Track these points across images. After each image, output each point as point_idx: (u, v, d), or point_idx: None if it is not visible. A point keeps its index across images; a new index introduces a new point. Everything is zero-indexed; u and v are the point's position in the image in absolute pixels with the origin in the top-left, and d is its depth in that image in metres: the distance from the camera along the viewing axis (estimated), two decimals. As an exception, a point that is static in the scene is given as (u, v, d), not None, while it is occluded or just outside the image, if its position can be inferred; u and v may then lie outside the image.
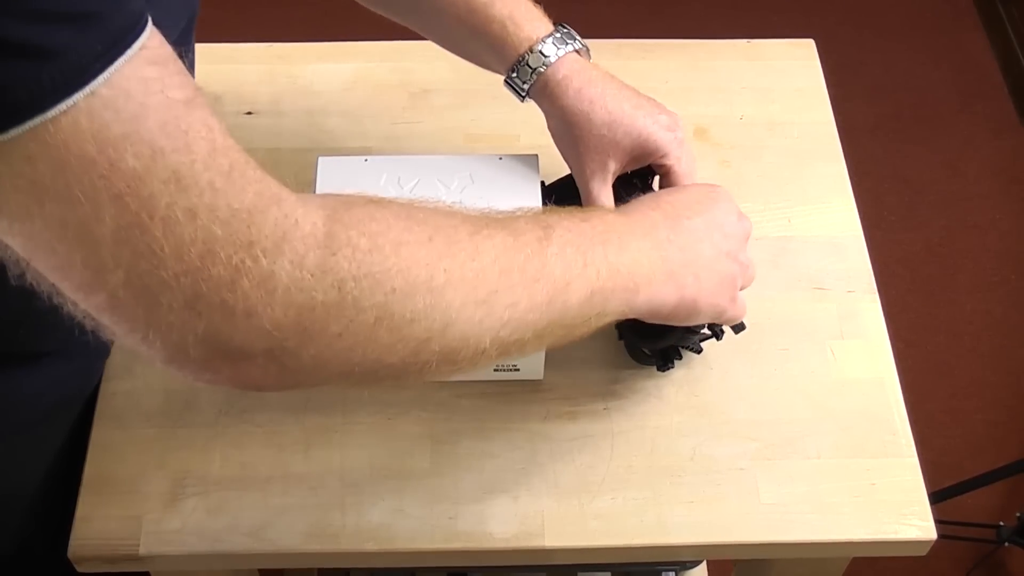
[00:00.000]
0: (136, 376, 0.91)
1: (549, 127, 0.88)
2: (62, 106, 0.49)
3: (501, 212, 0.70)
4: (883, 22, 2.50)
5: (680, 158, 0.86)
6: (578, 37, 0.87)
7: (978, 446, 1.86)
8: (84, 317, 0.57)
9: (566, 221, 0.71)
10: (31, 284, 0.56)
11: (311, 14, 2.32)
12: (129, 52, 0.51)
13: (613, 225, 0.74)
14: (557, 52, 0.85)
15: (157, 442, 0.88)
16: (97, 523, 0.84)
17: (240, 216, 0.55)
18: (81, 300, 0.56)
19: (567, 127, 0.85)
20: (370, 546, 0.83)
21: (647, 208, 0.78)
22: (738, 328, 0.86)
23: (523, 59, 0.85)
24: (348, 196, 0.63)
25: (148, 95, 0.52)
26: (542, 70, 0.85)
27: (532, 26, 0.85)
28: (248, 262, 0.55)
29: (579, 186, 0.87)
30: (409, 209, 0.64)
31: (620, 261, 0.72)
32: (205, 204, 0.53)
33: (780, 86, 1.13)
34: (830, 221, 1.03)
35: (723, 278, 0.78)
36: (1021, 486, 1.78)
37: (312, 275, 0.57)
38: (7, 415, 0.82)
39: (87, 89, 0.50)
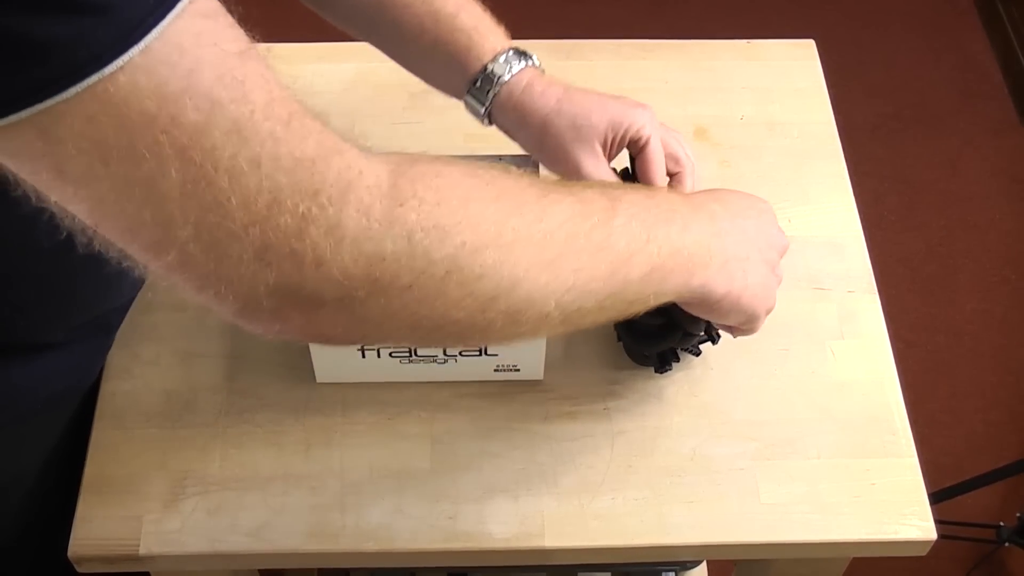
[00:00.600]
0: (136, 376, 0.91)
1: (522, 144, 0.88)
2: (119, 62, 0.49)
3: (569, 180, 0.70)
4: (883, 22, 2.50)
5: (656, 131, 0.86)
6: (534, 56, 0.87)
7: (978, 446, 1.86)
8: (156, 277, 0.57)
9: (632, 195, 0.72)
10: (98, 250, 0.56)
11: (311, 14, 2.31)
12: (180, 4, 0.50)
13: (677, 206, 0.74)
14: (519, 64, 0.85)
15: (157, 442, 0.88)
16: (97, 523, 0.84)
17: (304, 165, 0.55)
18: (151, 260, 0.56)
19: (543, 130, 0.85)
20: (370, 546, 0.83)
21: (706, 199, 0.78)
22: None
23: (487, 69, 0.85)
24: (412, 153, 0.62)
25: (201, 47, 0.51)
26: (506, 78, 0.85)
27: (495, 39, 0.86)
28: (315, 210, 0.55)
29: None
30: (475, 168, 0.64)
31: (683, 242, 0.72)
32: (268, 153, 0.53)
33: (780, 86, 1.13)
34: (830, 221, 1.03)
35: (765, 283, 0.78)
36: (1021, 486, 1.78)
37: (380, 224, 0.57)
38: (6, 405, 0.82)
39: (142, 43, 0.49)
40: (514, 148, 0.89)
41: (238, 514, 0.84)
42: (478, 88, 0.86)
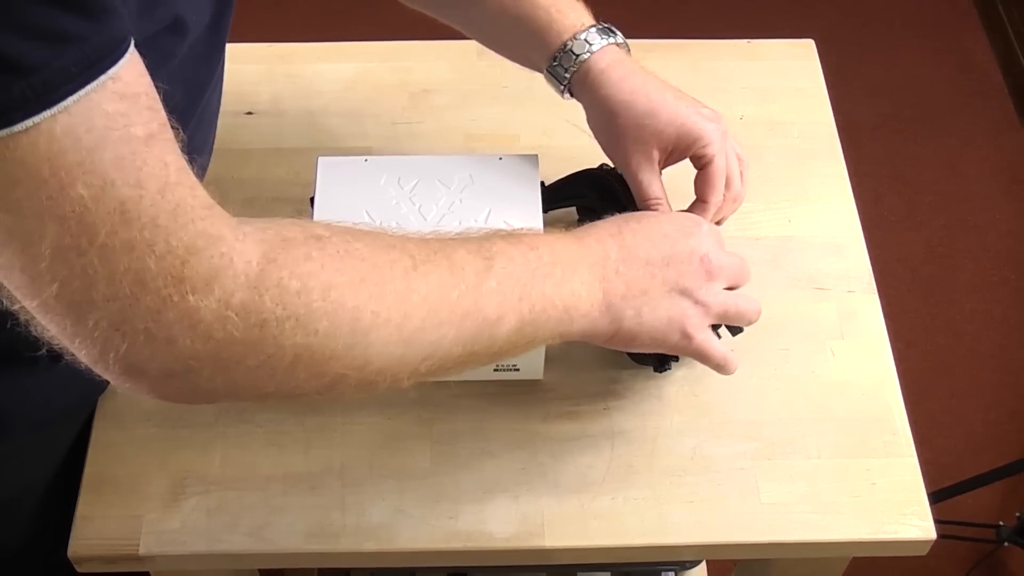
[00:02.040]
0: (136, 376, 0.91)
1: (589, 122, 0.88)
2: (28, 122, 0.50)
3: (448, 237, 0.72)
4: (883, 22, 2.50)
5: (722, 151, 0.85)
6: (619, 33, 0.87)
7: (978, 446, 1.86)
8: (20, 311, 0.59)
9: (512, 250, 0.72)
10: None
11: (311, 14, 2.31)
12: (101, 78, 0.52)
13: (560, 255, 0.74)
14: (600, 41, 0.85)
15: (157, 442, 0.88)
16: (97, 523, 0.84)
17: (176, 253, 0.56)
18: (19, 298, 0.58)
19: (609, 117, 0.85)
20: (370, 546, 0.83)
21: (606, 234, 0.78)
22: (735, 331, 0.86)
23: (566, 46, 0.85)
24: (291, 231, 0.64)
25: (110, 129, 0.53)
26: (585, 57, 0.85)
27: (576, 15, 0.87)
28: (176, 297, 0.57)
29: (627, 179, 0.87)
30: (350, 244, 0.65)
31: (558, 293, 0.72)
32: (144, 239, 0.55)
33: (780, 86, 1.13)
34: (830, 221, 1.03)
35: (671, 315, 0.77)
36: (1021, 486, 1.78)
37: (236, 314, 0.59)
38: (23, 415, 0.83)
39: (54, 110, 0.51)
40: (514, 148, 0.89)
41: (238, 514, 0.84)
42: (556, 65, 0.86)
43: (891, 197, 2.18)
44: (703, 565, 1.28)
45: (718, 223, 0.88)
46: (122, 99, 0.53)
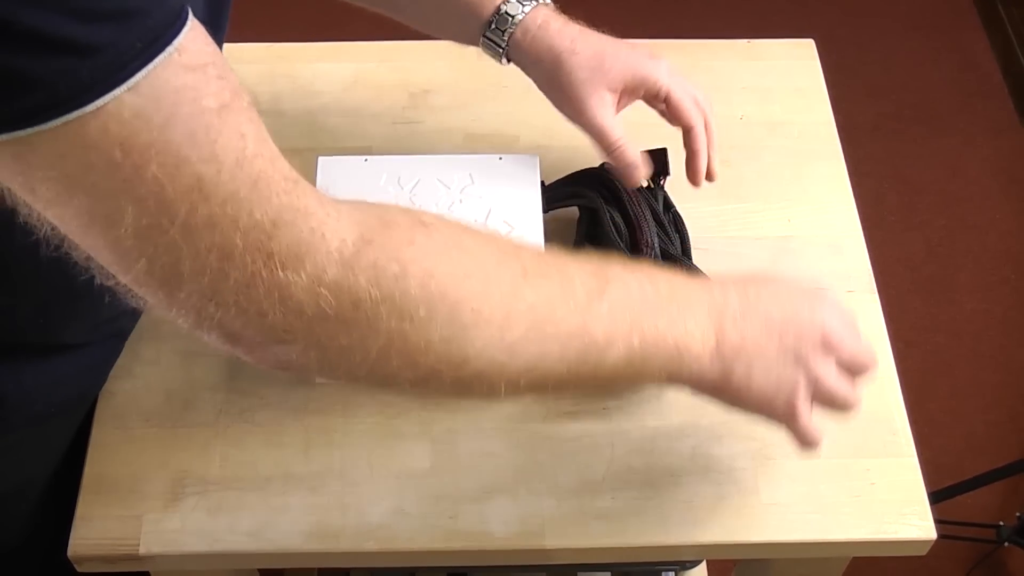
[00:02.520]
0: (136, 376, 0.91)
1: (537, 82, 0.89)
2: (98, 102, 0.50)
3: (565, 254, 0.69)
4: (883, 22, 2.50)
5: (674, 82, 0.87)
6: None
7: (978, 446, 1.86)
8: (118, 284, 0.59)
9: (628, 277, 0.69)
10: (67, 255, 0.58)
11: (311, 14, 2.32)
12: (168, 50, 0.51)
13: (678, 293, 0.71)
14: (530, 2, 0.87)
15: (157, 442, 0.88)
16: (97, 523, 0.84)
17: (261, 227, 0.55)
18: (113, 273, 0.58)
19: (555, 68, 0.86)
20: (370, 546, 0.83)
21: (730, 286, 0.74)
22: None
23: (500, 9, 0.86)
24: (396, 216, 0.62)
25: (179, 104, 0.52)
26: (520, 17, 0.86)
27: None
28: (265, 272, 0.56)
29: (586, 127, 0.87)
30: (459, 236, 0.64)
31: (672, 332, 0.69)
32: (227, 214, 0.54)
33: (780, 86, 1.13)
34: (830, 221, 1.03)
35: (781, 381, 0.73)
36: (1021, 486, 1.78)
37: (329, 291, 0.58)
38: (21, 408, 0.83)
39: (121, 88, 0.50)
40: (514, 148, 0.89)
41: (238, 514, 0.84)
42: (494, 30, 0.87)
43: (891, 197, 2.18)
44: (703, 565, 1.28)
45: (708, 177, 0.89)
46: (190, 71, 0.52)
